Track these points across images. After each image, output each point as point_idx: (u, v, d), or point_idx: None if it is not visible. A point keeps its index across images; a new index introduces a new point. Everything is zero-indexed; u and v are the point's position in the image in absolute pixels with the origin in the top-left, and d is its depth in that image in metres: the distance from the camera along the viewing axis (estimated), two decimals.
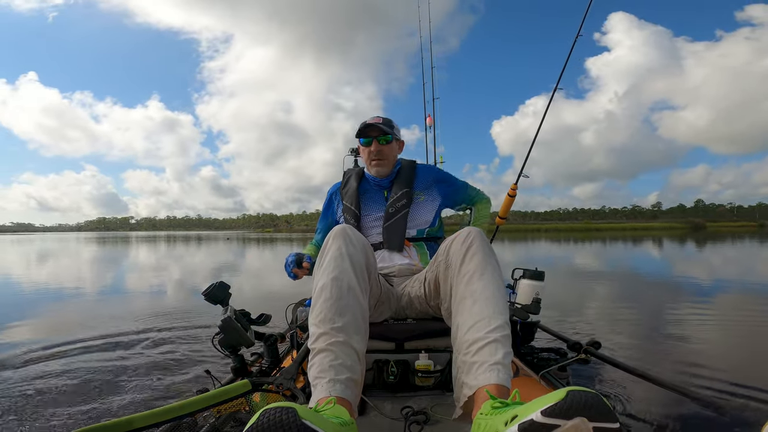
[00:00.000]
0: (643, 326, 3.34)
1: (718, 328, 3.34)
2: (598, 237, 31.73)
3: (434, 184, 1.60)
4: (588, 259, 11.09)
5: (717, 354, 2.61)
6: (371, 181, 1.62)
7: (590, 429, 0.57)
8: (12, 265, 10.06)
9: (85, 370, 2.30)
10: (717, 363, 2.32)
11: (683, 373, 2.18)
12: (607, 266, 9.28)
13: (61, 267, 9.86)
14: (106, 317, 3.78)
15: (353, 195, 1.59)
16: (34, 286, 6.09)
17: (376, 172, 1.57)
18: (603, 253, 13.37)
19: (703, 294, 5.00)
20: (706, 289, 5.40)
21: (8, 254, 15.84)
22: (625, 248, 15.92)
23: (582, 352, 1.62)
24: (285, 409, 0.59)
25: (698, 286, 5.72)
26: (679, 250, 14.26)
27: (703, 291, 5.27)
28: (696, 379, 2.08)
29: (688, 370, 2.22)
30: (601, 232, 51.22)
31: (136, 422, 0.82)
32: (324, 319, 0.91)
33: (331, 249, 1.03)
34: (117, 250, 19.21)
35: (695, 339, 2.89)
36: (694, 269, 8.35)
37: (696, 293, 5.05)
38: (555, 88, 2.45)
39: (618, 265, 9.64)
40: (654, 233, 43.45)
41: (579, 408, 0.56)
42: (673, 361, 2.42)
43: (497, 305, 0.93)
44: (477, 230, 1.08)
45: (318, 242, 1.66)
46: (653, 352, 2.64)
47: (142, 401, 1.87)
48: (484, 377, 0.82)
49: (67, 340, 2.92)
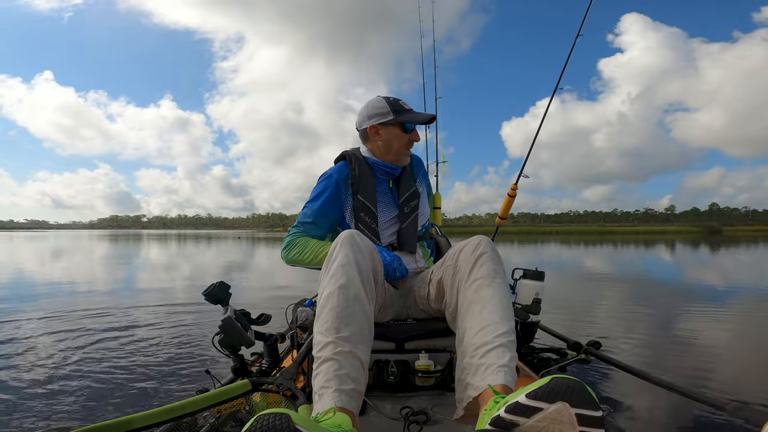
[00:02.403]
0: (670, 335, 3.24)
1: (737, 332, 3.30)
2: (612, 240, 31.22)
3: (422, 174, 1.57)
4: (610, 264, 10.64)
5: (726, 357, 2.60)
6: (379, 168, 1.43)
7: (572, 414, 0.59)
8: (34, 263, 10.08)
9: (91, 363, 2.30)
10: (722, 365, 2.32)
11: (686, 374, 2.18)
12: (632, 271, 8.89)
13: (81, 264, 9.87)
14: (118, 312, 3.79)
15: (371, 191, 1.39)
16: (51, 281, 6.09)
17: (405, 161, 1.45)
18: (623, 258, 12.87)
19: (736, 299, 4.81)
20: (742, 295, 5.17)
21: (29, 251, 15.84)
22: (645, 252, 15.46)
23: (582, 352, 1.62)
24: (279, 415, 0.59)
25: (735, 293, 5.47)
26: (705, 256, 13.65)
27: (738, 296, 5.07)
28: (696, 379, 2.08)
29: (691, 372, 2.22)
30: (614, 235, 50.37)
31: (136, 422, 0.82)
32: (330, 328, 0.91)
33: (339, 256, 1.01)
34: (132, 247, 19.31)
35: (716, 344, 2.85)
36: (731, 276, 7.90)
37: (729, 299, 4.86)
38: (555, 88, 2.46)
39: (644, 270, 9.34)
40: (668, 237, 42.58)
41: (561, 393, 0.59)
42: (680, 365, 2.41)
43: (504, 312, 0.96)
44: (487, 239, 1.11)
45: (320, 237, 1.39)
46: (671, 360, 2.58)
47: (142, 401, 1.87)
48: (491, 378, 0.84)
49: (73, 330, 2.92)
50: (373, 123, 1.39)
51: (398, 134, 1.39)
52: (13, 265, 9.85)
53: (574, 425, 0.59)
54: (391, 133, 1.39)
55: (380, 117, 1.38)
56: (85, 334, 3.11)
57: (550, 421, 0.59)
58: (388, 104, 1.38)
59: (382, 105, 1.39)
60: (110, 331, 3.22)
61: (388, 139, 1.39)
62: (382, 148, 1.41)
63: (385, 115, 1.37)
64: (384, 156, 1.43)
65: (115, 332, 3.17)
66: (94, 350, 2.70)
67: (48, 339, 2.98)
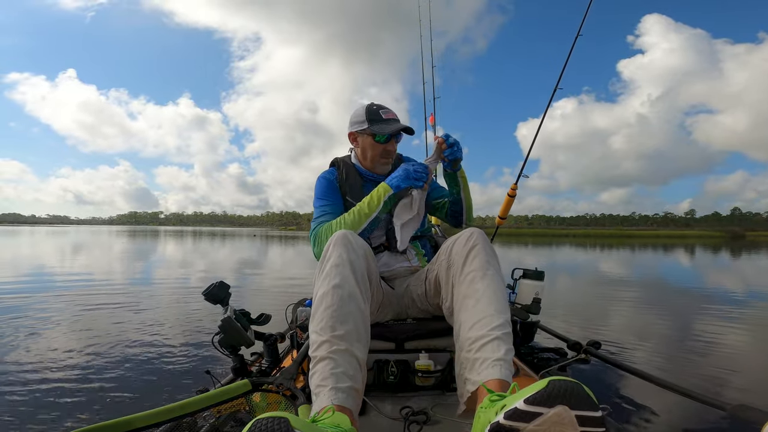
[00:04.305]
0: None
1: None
2: (630, 244, 30.36)
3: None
4: (636, 270, 10.17)
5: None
6: (366, 176, 1.49)
7: (572, 416, 0.58)
8: (54, 258, 10.15)
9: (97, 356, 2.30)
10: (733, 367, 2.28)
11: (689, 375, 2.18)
12: (670, 277, 8.63)
13: (103, 261, 9.89)
14: (130, 306, 3.79)
15: (358, 192, 1.45)
16: (71, 273, 6.09)
17: (383, 170, 1.47)
18: (650, 262, 12.37)
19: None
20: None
21: (50, 247, 15.95)
22: (671, 257, 14.98)
23: (582, 352, 1.62)
24: (277, 419, 0.59)
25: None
26: (732, 261, 13.33)
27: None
28: (696, 379, 2.08)
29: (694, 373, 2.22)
30: (633, 239, 48.64)
31: (136, 422, 0.82)
32: (325, 327, 0.91)
33: (332, 256, 1.02)
34: (150, 243, 19.66)
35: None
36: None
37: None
38: (555, 88, 2.45)
39: (678, 276, 8.98)
40: (690, 241, 41.63)
41: (560, 396, 0.59)
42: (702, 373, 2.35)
43: (499, 304, 0.96)
44: (479, 231, 1.10)
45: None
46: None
47: (142, 400, 1.87)
48: (487, 373, 0.84)
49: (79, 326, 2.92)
50: (352, 130, 1.46)
51: (371, 143, 1.43)
52: (34, 260, 9.98)
53: (575, 427, 0.58)
54: (365, 142, 1.44)
55: (358, 125, 1.44)
56: (92, 328, 3.11)
57: (550, 425, 0.59)
58: (367, 112, 1.42)
59: (361, 113, 1.43)
60: (118, 324, 3.22)
61: (363, 147, 1.45)
62: (360, 155, 1.49)
63: (362, 124, 1.42)
64: (362, 163, 1.49)
65: (123, 326, 3.17)
66: (106, 348, 2.70)
67: (53, 333, 2.98)
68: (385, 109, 1.43)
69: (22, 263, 9.36)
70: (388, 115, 1.42)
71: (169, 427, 0.92)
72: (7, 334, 3.07)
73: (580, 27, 2.39)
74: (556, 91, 2.45)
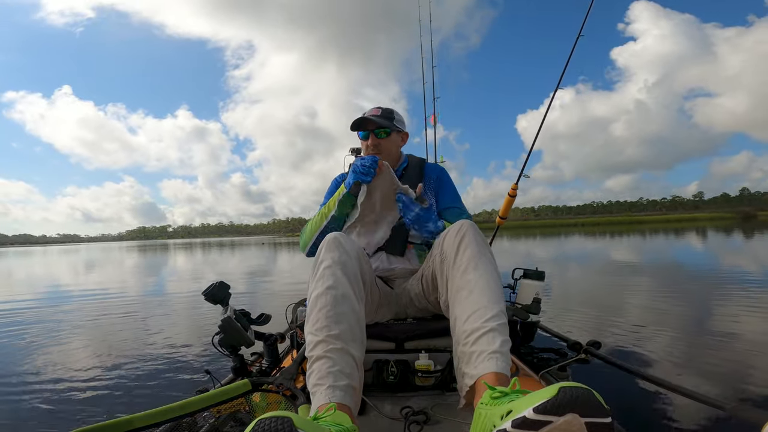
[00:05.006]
0: None
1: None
2: (641, 230, 29.68)
3: (434, 181, 1.56)
4: (653, 256, 9.97)
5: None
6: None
7: (582, 424, 0.57)
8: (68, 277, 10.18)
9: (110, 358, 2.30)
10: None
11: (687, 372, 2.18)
12: (680, 265, 8.12)
13: (124, 277, 9.93)
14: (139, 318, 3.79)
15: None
16: (86, 288, 6.10)
17: None
18: (662, 249, 11.90)
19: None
20: None
21: (64, 267, 16.03)
22: (682, 241, 14.53)
23: (582, 352, 1.61)
24: (280, 418, 0.58)
25: None
26: (759, 243, 12.61)
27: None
28: (696, 379, 2.08)
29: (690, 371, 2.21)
30: (643, 225, 47.12)
31: (136, 422, 0.82)
32: (320, 327, 0.91)
33: (325, 258, 1.02)
34: (166, 257, 19.85)
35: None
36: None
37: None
38: (555, 88, 2.45)
39: (692, 263, 8.47)
40: (701, 224, 40.16)
41: (570, 404, 0.57)
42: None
43: (492, 295, 0.94)
44: (469, 222, 1.09)
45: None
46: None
47: (142, 400, 1.87)
48: (484, 366, 0.83)
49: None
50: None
51: (362, 144, 1.50)
52: (51, 279, 10.05)
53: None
54: (362, 146, 1.51)
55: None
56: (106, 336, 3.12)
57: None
58: (355, 120, 1.45)
59: (353, 122, 1.46)
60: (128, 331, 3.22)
61: (363, 151, 1.52)
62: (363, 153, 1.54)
63: (352, 131, 1.49)
64: None
65: (132, 333, 3.17)
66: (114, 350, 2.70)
67: (67, 339, 2.98)
68: (376, 108, 1.48)
69: (39, 282, 9.59)
70: (371, 113, 1.46)
71: (169, 427, 0.92)
72: (26, 340, 3.08)
73: (581, 27, 2.39)
74: (556, 92, 2.45)
